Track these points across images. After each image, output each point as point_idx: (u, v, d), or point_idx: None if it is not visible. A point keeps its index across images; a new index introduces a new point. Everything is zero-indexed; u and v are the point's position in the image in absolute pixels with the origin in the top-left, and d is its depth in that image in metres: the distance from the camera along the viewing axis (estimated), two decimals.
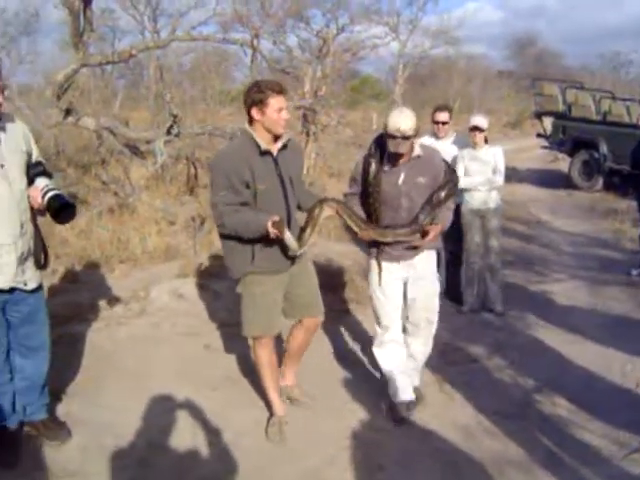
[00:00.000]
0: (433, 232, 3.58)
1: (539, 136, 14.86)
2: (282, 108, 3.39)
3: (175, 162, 10.14)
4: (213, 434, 3.62)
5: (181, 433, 3.63)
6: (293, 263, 3.60)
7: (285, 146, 3.52)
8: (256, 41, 9.48)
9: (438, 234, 3.68)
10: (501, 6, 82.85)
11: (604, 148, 12.55)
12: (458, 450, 3.54)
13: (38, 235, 3.30)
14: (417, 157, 3.59)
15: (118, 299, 5.50)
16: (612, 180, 12.79)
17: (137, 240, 6.97)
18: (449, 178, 3.71)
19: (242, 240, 3.42)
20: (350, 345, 5.02)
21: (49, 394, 3.57)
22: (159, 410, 3.84)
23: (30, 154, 3.24)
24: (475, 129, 5.40)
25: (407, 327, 3.93)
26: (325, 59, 11.30)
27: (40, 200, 3.12)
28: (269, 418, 3.75)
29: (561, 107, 13.87)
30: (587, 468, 3.33)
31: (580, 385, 4.29)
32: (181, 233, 7.57)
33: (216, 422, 3.72)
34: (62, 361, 4.15)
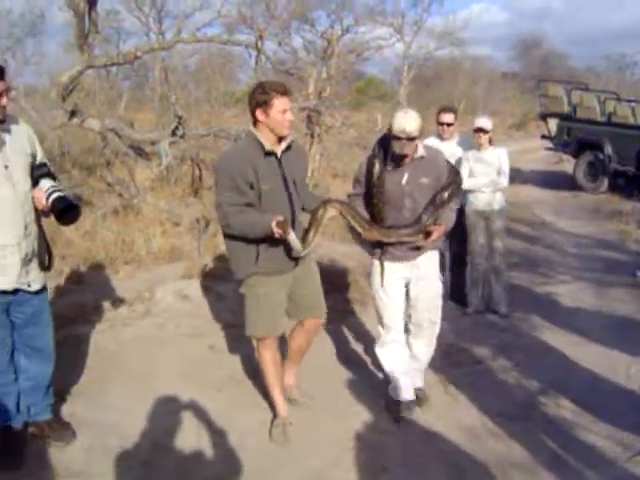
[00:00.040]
0: (436, 233, 3.58)
1: (544, 137, 14.82)
2: (286, 109, 3.39)
3: (180, 163, 10.15)
4: (217, 435, 3.62)
5: (185, 434, 3.63)
6: (297, 264, 3.60)
7: (289, 147, 3.52)
8: (261, 42, 9.44)
9: (441, 235, 3.68)
10: (506, 7, 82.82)
11: (609, 149, 12.52)
12: (462, 451, 3.54)
13: (42, 236, 3.31)
14: (420, 158, 3.59)
15: (123, 300, 5.51)
16: (617, 181, 12.81)
17: (142, 241, 6.99)
18: (452, 179, 3.71)
19: (246, 240, 3.42)
20: (354, 346, 5.01)
21: (54, 395, 3.57)
22: (163, 411, 3.85)
23: (34, 155, 3.24)
24: (480, 130, 5.40)
25: (410, 328, 3.94)
26: (330, 60, 11.27)
27: (44, 201, 3.12)
28: (273, 419, 3.75)
29: (566, 108, 13.83)
30: (591, 470, 3.32)
31: (585, 387, 4.28)
32: (186, 234, 7.58)
33: (220, 423, 3.72)
34: (67, 362, 4.16)
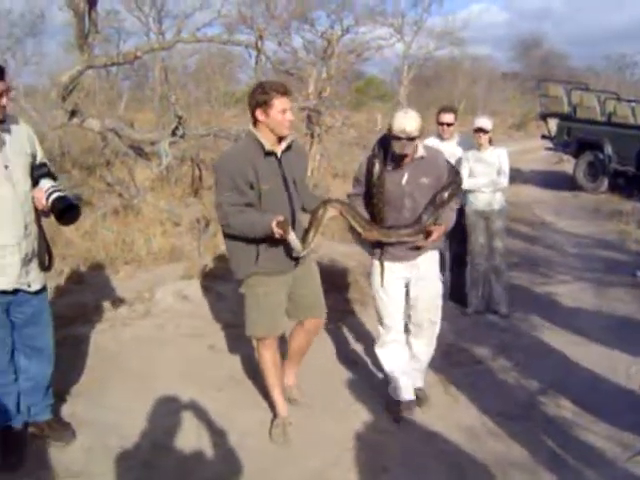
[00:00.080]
0: (436, 233, 3.58)
1: (544, 137, 14.82)
2: (286, 109, 3.39)
3: (180, 164, 10.15)
4: (218, 435, 3.62)
5: (186, 434, 3.63)
6: (297, 264, 3.60)
7: (289, 147, 3.52)
8: (261, 42, 9.44)
9: (441, 235, 3.68)
10: (506, 7, 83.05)
11: (609, 149, 12.52)
12: (462, 451, 3.54)
13: (42, 236, 3.31)
14: (420, 158, 3.59)
15: (123, 300, 5.51)
16: (617, 181, 12.81)
17: (142, 241, 6.98)
18: (452, 179, 3.71)
19: (246, 240, 3.42)
20: (354, 346, 5.01)
21: (54, 395, 3.57)
22: (164, 411, 3.85)
23: (34, 155, 3.24)
24: (480, 130, 5.40)
25: (410, 327, 3.94)
26: (330, 60, 11.29)
27: (44, 201, 3.12)
28: (273, 419, 3.75)
29: (566, 108, 13.84)
30: (591, 470, 3.33)
31: (585, 387, 4.28)
32: (186, 235, 7.57)
33: (221, 423, 3.72)
34: (67, 362, 4.16)
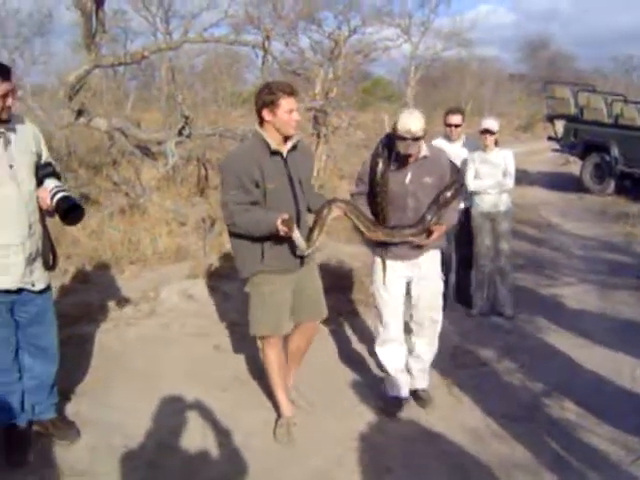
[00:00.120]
0: (437, 232, 3.61)
1: (550, 139, 14.78)
2: (293, 109, 3.40)
3: (186, 163, 10.16)
4: (222, 435, 3.63)
5: (190, 434, 3.64)
6: (302, 264, 3.61)
7: (295, 147, 3.53)
8: (267, 43, 9.46)
9: (442, 234, 3.70)
10: (514, 9, 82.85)
11: (616, 151, 12.47)
12: (466, 453, 3.53)
13: (47, 236, 3.32)
14: (424, 157, 3.61)
15: (128, 300, 5.53)
16: (624, 183, 12.76)
17: (147, 241, 7.01)
18: (455, 178, 3.72)
19: (252, 239, 3.43)
20: (358, 347, 5.01)
21: (58, 394, 3.58)
22: (168, 411, 3.86)
23: (40, 155, 3.25)
24: (486, 132, 5.39)
25: (411, 326, 3.95)
26: (337, 61, 11.29)
27: (49, 201, 3.13)
28: (277, 419, 3.75)
29: (573, 110, 13.79)
30: (594, 472, 3.32)
31: (589, 389, 4.27)
32: (191, 234, 7.59)
33: (225, 423, 3.73)
34: (71, 361, 4.17)
